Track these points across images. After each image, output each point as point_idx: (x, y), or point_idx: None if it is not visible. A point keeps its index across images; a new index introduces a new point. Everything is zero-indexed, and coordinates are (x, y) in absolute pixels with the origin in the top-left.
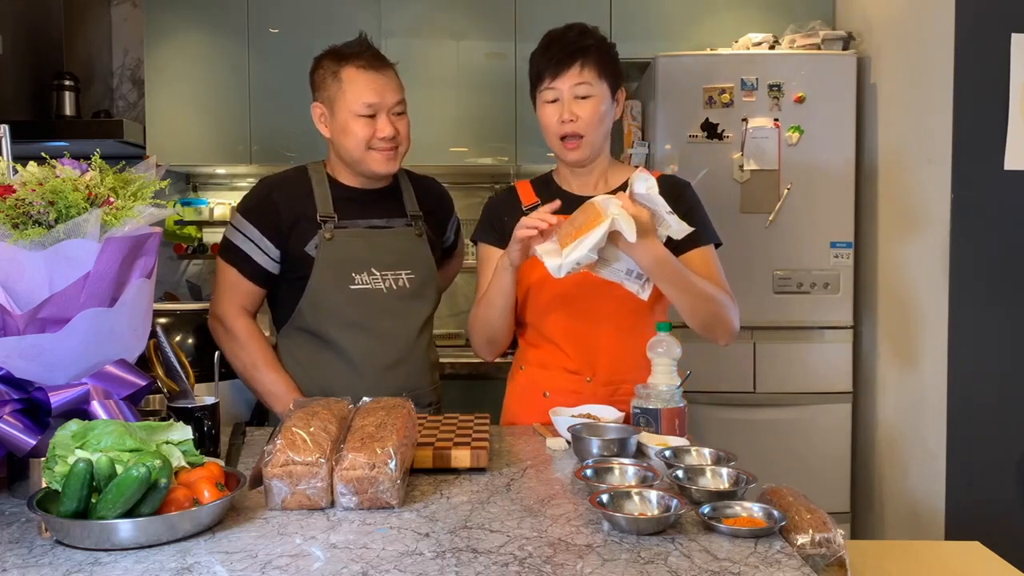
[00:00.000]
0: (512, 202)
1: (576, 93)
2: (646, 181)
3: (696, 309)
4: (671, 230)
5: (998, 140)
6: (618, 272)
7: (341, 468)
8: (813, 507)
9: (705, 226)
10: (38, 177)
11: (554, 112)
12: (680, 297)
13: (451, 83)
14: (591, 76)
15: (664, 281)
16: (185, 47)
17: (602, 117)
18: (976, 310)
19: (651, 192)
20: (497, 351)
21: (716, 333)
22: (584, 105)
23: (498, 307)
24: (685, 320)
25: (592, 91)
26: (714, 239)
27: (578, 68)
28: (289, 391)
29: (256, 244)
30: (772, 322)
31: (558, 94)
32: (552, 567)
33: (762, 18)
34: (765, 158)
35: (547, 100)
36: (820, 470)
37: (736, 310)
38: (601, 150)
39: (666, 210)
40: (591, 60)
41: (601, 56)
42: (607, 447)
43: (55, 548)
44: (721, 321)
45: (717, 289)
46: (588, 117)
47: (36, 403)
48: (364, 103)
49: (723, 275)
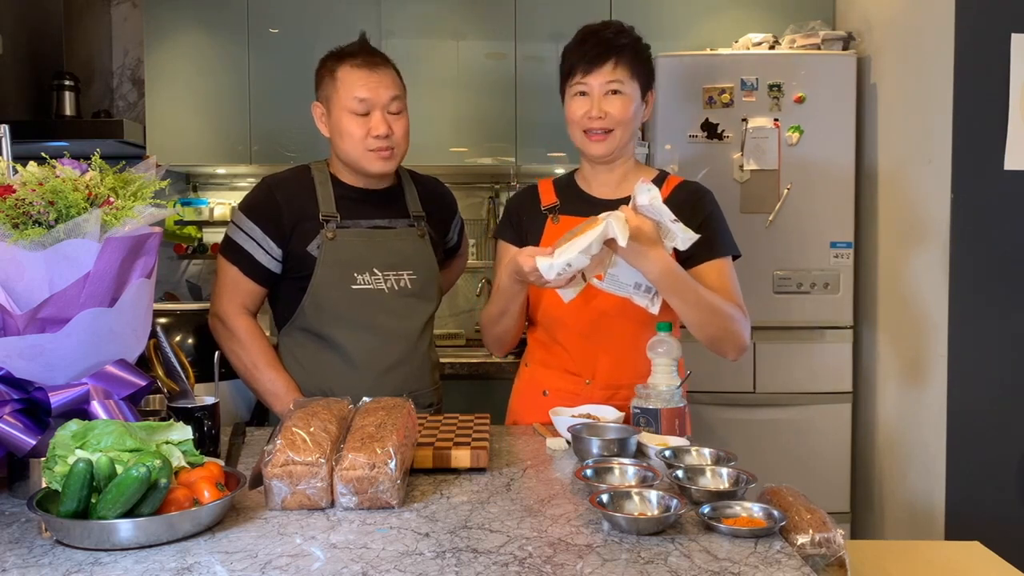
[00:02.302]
0: (532, 201)
1: (607, 90)
2: (648, 192)
3: (703, 323)
4: (676, 240)
5: (998, 140)
6: (626, 287)
7: (341, 468)
8: (813, 507)
9: (723, 237)
10: (38, 177)
11: (582, 105)
12: (688, 311)
13: (451, 83)
14: (623, 75)
15: (671, 293)
16: (185, 47)
17: (632, 114)
18: (976, 310)
19: (654, 203)
20: (506, 348)
21: (725, 348)
22: (614, 102)
23: (505, 309)
24: (692, 333)
25: (623, 89)
26: (732, 251)
27: (611, 66)
28: (289, 391)
29: (258, 243)
30: (772, 322)
31: (588, 89)
32: (552, 567)
33: (762, 18)
34: (765, 158)
35: (575, 93)
36: (820, 470)
37: (747, 324)
38: (626, 149)
39: (671, 219)
40: (625, 59)
41: (635, 56)
42: (607, 447)
43: (55, 548)
44: (731, 336)
45: (727, 303)
46: (617, 114)
47: (36, 403)
48: (355, 98)
49: (738, 289)
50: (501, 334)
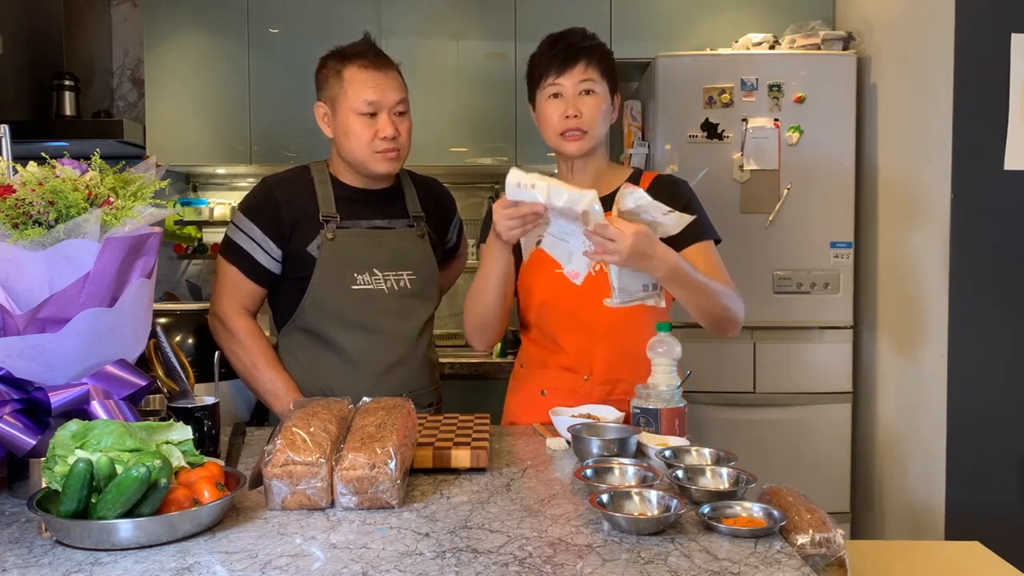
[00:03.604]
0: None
1: (580, 89)
2: (632, 194)
3: (707, 308)
4: (668, 228)
5: (998, 140)
6: (637, 294)
7: (341, 468)
8: (813, 507)
9: (704, 221)
10: (38, 177)
11: (556, 108)
12: (692, 299)
13: (451, 83)
14: (595, 74)
15: (678, 287)
16: (185, 47)
17: (604, 115)
18: (976, 310)
19: (641, 203)
20: (488, 339)
21: (726, 327)
22: (587, 101)
23: (485, 279)
24: (695, 318)
25: (595, 88)
26: (713, 235)
27: (583, 66)
28: (289, 391)
29: (258, 243)
30: (772, 322)
31: (562, 90)
32: (552, 567)
33: (762, 18)
34: (765, 158)
35: (549, 95)
36: (820, 470)
37: (741, 301)
38: (599, 147)
39: (662, 212)
40: (595, 59)
41: (603, 57)
42: (607, 447)
43: (55, 548)
44: (731, 315)
45: (722, 284)
46: (591, 113)
47: (36, 403)
48: (365, 100)
49: (724, 268)
50: (482, 316)
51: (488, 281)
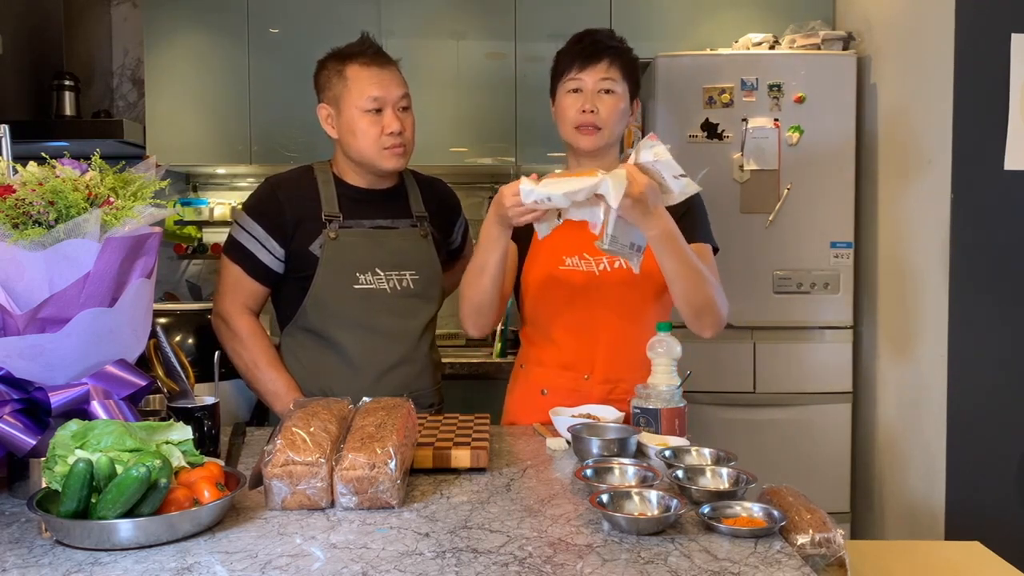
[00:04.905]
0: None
1: (600, 87)
2: (652, 147)
3: (691, 291)
4: (671, 196)
5: (998, 140)
6: (623, 247)
7: (341, 468)
8: (813, 507)
9: (705, 226)
10: (38, 177)
11: (575, 102)
12: (680, 273)
13: (451, 83)
14: (616, 74)
15: (668, 255)
16: (185, 47)
17: (621, 114)
18: (976, 310)
19: (660, 157)
20: (483, 325)
21: (705, 322)
22: (606, 100)
23: (485, 261)
24: (677, 305)
25: (615, 88)
26: (711, 242)
27: (606, 64)
28: (290, 390)
29: (261, 243)
30: (772, 322)
31: (582, 85)
32: (552, 567)
33: (762, 18)
34: (765, 158)
35: (569, 90)
36: (820, 470)
37: (726, 303)
38: (612, 147)
39: (673, 174)
40: (618, 60)
41: (626, 60)
42: (607, 447)
43: (55, 548)
44: (713, 307)
45: (711, 275)
46: (608, 111)
47: (36, 403)
48: (369, 97)
49: (717, 273)
50: (479, 302)
51: (486, 265)
